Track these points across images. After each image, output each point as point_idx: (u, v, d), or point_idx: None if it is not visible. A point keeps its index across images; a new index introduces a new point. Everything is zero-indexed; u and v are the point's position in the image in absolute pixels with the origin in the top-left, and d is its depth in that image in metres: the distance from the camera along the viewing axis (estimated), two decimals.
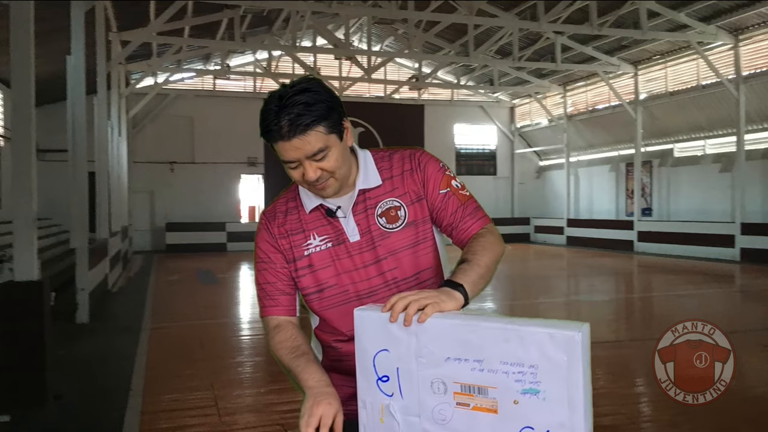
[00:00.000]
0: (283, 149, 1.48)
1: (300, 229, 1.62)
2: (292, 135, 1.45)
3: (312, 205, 1.61)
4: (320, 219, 1.60)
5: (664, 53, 17.45)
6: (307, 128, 1.45)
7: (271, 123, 1.46)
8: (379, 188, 1.60)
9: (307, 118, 1.44)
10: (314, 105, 1.46)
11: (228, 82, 21.27)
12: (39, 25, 5.90)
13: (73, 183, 8.45)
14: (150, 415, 4.35)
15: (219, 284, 12.10)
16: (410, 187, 1.60)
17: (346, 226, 1.58)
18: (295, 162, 1.49)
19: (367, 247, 1.57)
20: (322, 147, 1.48)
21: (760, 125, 15.62)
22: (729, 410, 4.12)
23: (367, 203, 1.59)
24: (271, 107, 1.46)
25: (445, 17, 15.39)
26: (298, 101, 1.44)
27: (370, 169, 1.62)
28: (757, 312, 9.08)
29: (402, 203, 1.59)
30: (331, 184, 1.53)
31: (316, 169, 1.49)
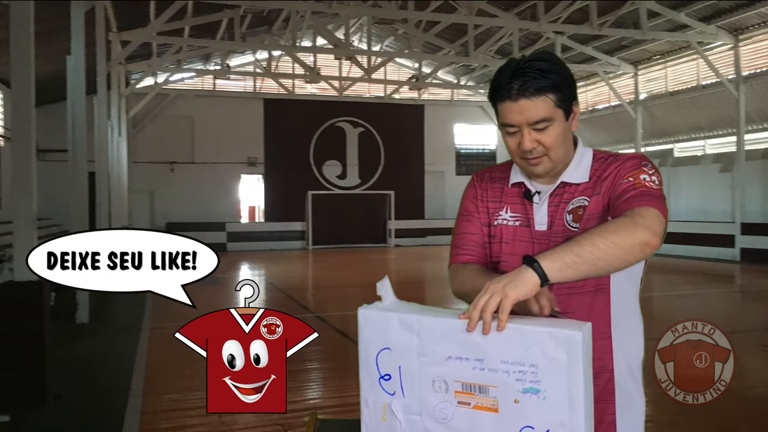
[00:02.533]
0: (507, 110, 1.46)
1: (499, 198, 1.61)
2: (521, 95, 1.43)
3: (516, 179, 1.59)
4: (517, 196, 1.58)
5: (664, 53, 17.45)
6: (538, 92, 1.43)
7: (503, 81, 1.45)
8: (580, 185, 1.53)
9: (541, 82, 1.42)
10: (550, 73, 1.43)
11: (228, 82, 21.27)
12: (39, 25, 5.89)
13: (73, 183, 8.45)
14: (150, 415, 4.35)
15: (219, 284, 12.09)
16: (602, 187, 1.50)
17: (537, 212, 1.55)
18: (515, 127, 1.47)
19: (546, 239, 1.52)
20: (547, 117, 1.44)
21: (760, 125, 15.62)
22: (729, 410, 4.12)
23: (564, 197, 1.53)
24: (507, 68, 1.46)
25: (445, 17, 15.39)
26: (534, 66, 1.43)
27: (583, 165, 1.55)
28: (757, 312, 9.08)
29: (589, 201, 1.50)
30: (544, 162, 1.49)
31: (534, 140, 1.46)
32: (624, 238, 1.28)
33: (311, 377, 5.40)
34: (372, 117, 22.14)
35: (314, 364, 5.73)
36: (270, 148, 21.14)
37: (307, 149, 21.51)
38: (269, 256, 18.21)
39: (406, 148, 22.28)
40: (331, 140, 21.66)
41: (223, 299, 9.50)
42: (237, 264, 16.00)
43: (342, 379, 5.36)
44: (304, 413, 1.66)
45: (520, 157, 1.50)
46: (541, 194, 1.55)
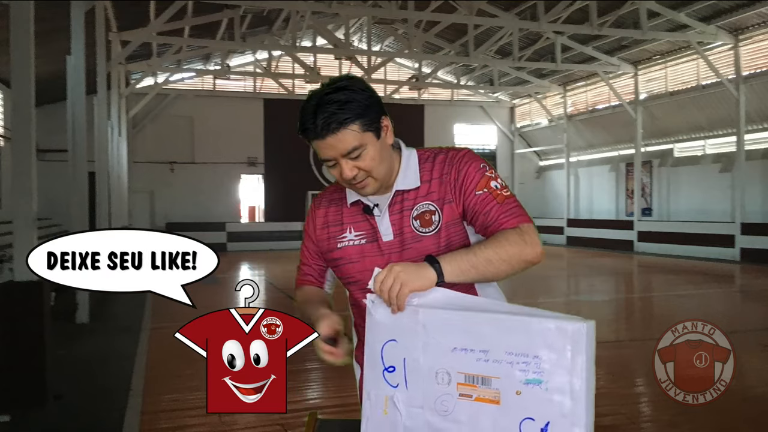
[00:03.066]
0: (318, 147, 1.51)
1: (339, 221, 1.64)
2: (326, 133, 1.46)
3: (352, 199, 1.63)
4: (358, 214, 1.62)
5: (664, 53, 17.45)
6: (340, 126, 1.45)
7: (308, 121, 1.48)
8: (417, 190, 1.57)
9: (341, 115, 1.44)
10: (349, 103, 1.45)
11: (228, 82, 21.27)
12: (39, 25, 5.89)
13: (73, 183, 8.45)
14: (150, 415, 4.35)
15: (219, 284, 12.09)
16: (446, 190, 1.56)
17: (380, 224, 1.58)
18: (332, 160, 1.51)
19: (398, 248, 1.56)
20: (357, 145, 1.47)
21: (760, 125, 15.61)
22: (729, 410, 4.12)
23: (404, 204, 1.57)
24: (309, 105, 1.48)
25: (445, 17, 15.39)
26: (333, 99, 1.45)
27: (411, 170, 1.59)
28: (757, 312, 9.08)
29: (437, 208, 1.55)
30: (370, 183, 1.53)
31: (353, 168, 1.49)
32: (514, 255, 1.43)
33: (311, 377, 5.40)
34: None
35: (314, 364, 5.72)
36: (270, 148, 21.14)
37: (307, 149, 21.29)
38: (269, 256, 18.21)
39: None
40: None
41: (223, 299, 9.51)
42: (237, 264, 15.99)
43: (342, 379, 5.35)
44: (304, 413, 1.66)
45: (346, 184, 1.56)
46: (380, 206, 1.59)
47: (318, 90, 1.49)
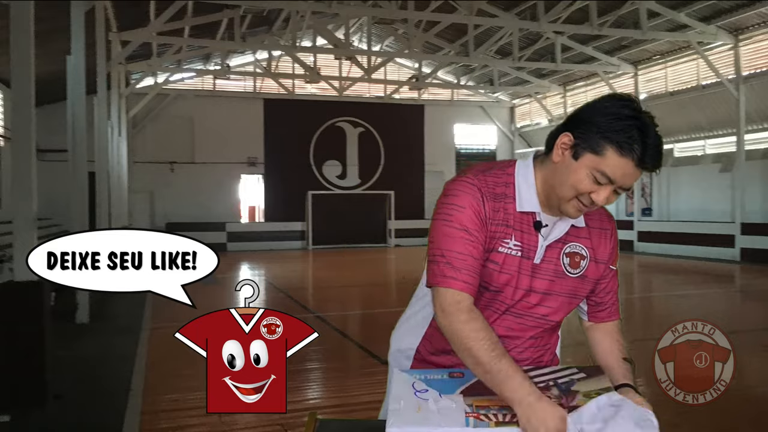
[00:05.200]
0: (620, 167, 1.36)
1: (505, 222, 1.49)
2: (646, 166, 1.37)
3: (526, 208, 1.49)
4: (525, 224, 1.50)
5: (664, 53, 17.45)
6: (655, 168, 1.39)
7: (634, 138, 1.34)
8: (577, 229, 1.55)
9: (659, 158, 1.38)
10: (662, 155, 1.40)
11: (228, 82, 21.26)
12: (39, 25, 5.89)
13: (73, 183, 8.45)
14: (150, 415, 4.35)
15: (219, 284, 12.09)
16: (602, 246, 1.57)
17: (541, 246, 1.51)
18: (608, 180, 1.38)
19: (541, 275, 1.52)
20: (631, 187, 1.44)
21: (760, 125, 15.61)
22: (729, 410, 4.11)
23: (565, 237, 1.54)
24: (631, 115, 1.36)
25: (445, 17, 15.39)
26: (659, 140, 1.38)
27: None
28: (757, 312, 9.08)
29: (588, 255, 1.54)
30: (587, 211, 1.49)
31: (606, 199, 1.41)
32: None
33: (311, 377, 5.40)
34: (372, 117, 22.14)
35: (314, 364, 5.73)
36: (270, 148, 21.13)
37: (307, 149, 21.51)
38: (269, 256, 18.21)
39: (406, 148, 22.28)
40: (331, 140, 21.66)
41: (223, 299, 9.51)
42: (237, 264, 15.99)
43: (342, 379, 5.36)
44: (304, 413, 1.66)
45: (578, 199, 1.43)
46: (548, 228, 1.52)
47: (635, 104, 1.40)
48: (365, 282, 12.94)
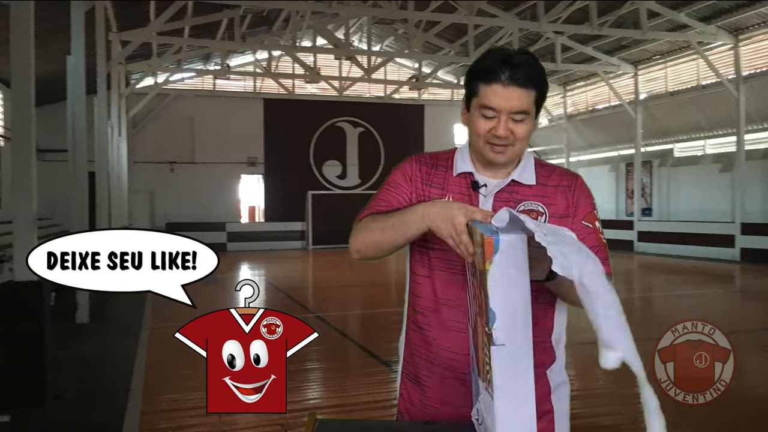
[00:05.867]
0: (492, 93, 1.46)
1: (441, 185, 1.61)
2: (513, 83, 1.44)
3: (462, 170, 1.60)
4: (462, 186, 1.59)
5: (664, 53, 17.45)
6: (528, 83, 1.45)
7: (494, 64, 1.45)
8: (530, 188, 1.58)
9: (532, 74, 1.45)
10: (539, 69, 1.48)
11: (228, 82, 21.26)
12: (39, 25, 5.90)
13: (73, 183, 8.46)
14: (150, 415, 4.35)
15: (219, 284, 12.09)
16: (560, 202, 1.58)
17: (482, 204, 1.56)
18: (494, 111, 1.47)
19: None
20: (527, 110, 1.47)
21: (760, 125, 15.62)
22: (729, 410, 4.12)
23: (513, 196, 1.57)
24: (496, 53, 1.47)
25: (445, 17, 15.39)
26: (531, 60, 1.47)
27: (528, 167, 1.60)
28: (757, 312, 9.08)
29: (546, 211, 1.56)
30: (509, 151, 1.52)
31: (508, 129, 1.47)
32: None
33: (311, 377, 5.40)
34: (372, 117, 22.14)
35: (314, 364, 5.73)
36: (270, 148, 21.13)
37: (307, 149, 21.51)
38: (269, 256, 18.22)
39: (406, 148, 22.19)
40: (331, 140, 21.66)
41: (223, 299, 9.52)
42: (237, 264, 16.00)
43: (342, 379, 5.36)
44: (304, 413, 1.66)
45: (486, 141, 1.51)
46: (488, 187, 1.57)
47: (501, 47, 1.50)
48: (365, 282, 12.94)
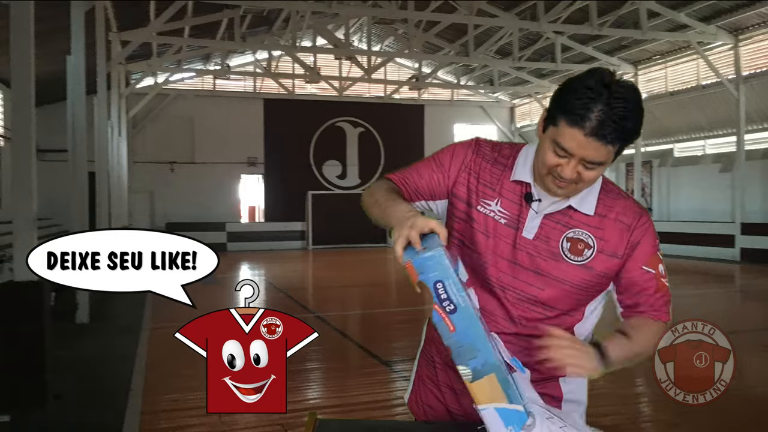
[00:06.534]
0: (571, 137, 1.32)
1: (493, 185, 1.52)
2: (598, 137, 1.29)
3: (520, 178, 1.50)
4: (515, 194, 1.50)
5: (664, 53, 17.45)
6: (612, 141, 1.30)
7: (584, 106, 1.28)
8: (586, 216, 1.48)
9: (619, 130, 1.29)
10: (630, 120, 1.29)
11: (228, 82, 21.26)
12: (39, 25, 5.89)
13: (73, 183, 8.46)
14: (150, 415, 4.35)
15: (219, 284, 12.09)
16: (614, 239, 1.47)
17: (530, 220, 1.48)
18: (566, 153, 1.34)
19: (533, 252, 1.47)
20: (603, 161, 1.35)
21: (760, 125, 15.61)
22: (729, 410, 4.11)
23: (565, 220, 1.48)
24: (593, 88, 1.28)
25: (445, 17, 15.39)
26: (622, 104, 1.28)
27: (591, 195, 1.49)
28: (757, 312, 9.08)
29: (595, 245, 1.47)
30: (571, 190, 1.42)
31: (576, 173, 1.36)
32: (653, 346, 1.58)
33: (311, 377, 5.40)
34: (372, 117, 22.14)
35: (314, 364, 5.73)
36: (270, 148, 21.13)
37: (307, 149, 21.51)
38: (269, 256, 18.21)
39: (406, 148, 22.24)
40: (331, 140, 21.66)
41: (223, 299, 9.51)
42: (237, 264, 15.99)
43: (342, 379, 5.36)
44: (304, 413, 1.66)
45: (551, 173, 1.40)
46: (542, 204, 1.48)
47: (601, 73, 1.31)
48: (365, 282, 12.94)
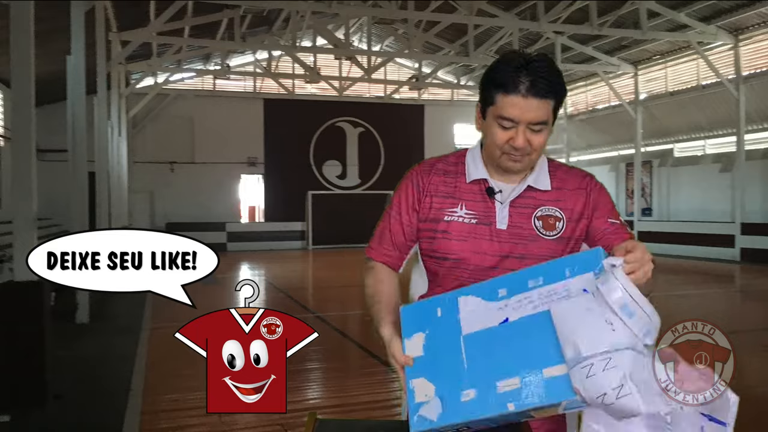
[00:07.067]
0: (510, 104, 1.43)
1: (451, 194, 1.59)
2: (530, 93, 1.41)
3: (475, 176, 1.58)
4: (476, 193, 1.58)
5: (664, 53, 17.45)
6: (546, 94, 1.43)
7: (510, 73, 1.41)
8: (545, 193, 1.57)
9: (550, 84, 1.43)
10: (557, 76, 1.45)
11: (228, 82, 21.26)
12: (39, 25, 5.89)
13: (73, 183, 8.46)
14: (150, 415, 4.35)
15: (219, 284, 12.09)
16: (577, 205, 1.58)
17: (499, 211, 1.55)
18: (512, 122, 1.45)
19: (510, 239, 1.54)
20: (545, 120, 1.46)
21: (760, 125, 15.62)
22: None
23: (529, 201, 1.56)
24: (512, 60, 1.44)
25: (445, 17, 15.39)
26: (543, 66, 1.43)
27: (543, 171, 1.59)
28: (757, 312, 9.08)
29: (563, 216, 1.56)
30: (526, 161, 1.51)
31: (525, 139, 1.46)
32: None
33: (311, 377, 5.40)
34: (372, 117, 22.14)
35: (314, 364, 5.73)
36: (270, 148, 21.13)
37: (307, 149, 21.51)
38: (269, 256, 18.21)
39: (406, 148, 22.26)
40: (331, 140, 21.66)
41: (223, 299, 9.51)
42: (237, 264, 16.00)
43: (342, 379, 5.36)
44: (304, 413, 1.66)
45: (503, 151, 1.50)
46: (503, 193, 1.56)
47: (517, 52, 1.47)
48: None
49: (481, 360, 1.30)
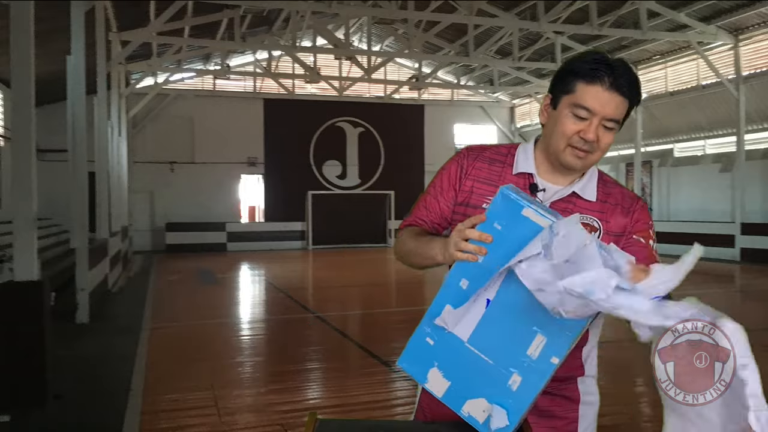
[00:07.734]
0: (591, 94, 1.42)
1: (494, 181, 1.57)
2: (615, 88, 1.42)
3: (523, 169, 1.57)
4: (519, 187, 1.52)
5: (664, 53, 17.46)
6: (629, 93, 1.43)
7: (598, 66, 1.42)
8: (589, 203, 1.55)
9: (634, 87, 1.44)
10: (639, 84, 1.46)
11: (228, 82, 21.27)
12: (39, 25, 5.89)
13: (73, 183, 8.45)
14: (150, 415, 4.35)
15: (219, 284, 12.10)
16: (617, 221, 1.55)
17: None
18: (588, 113, 1.43)
19: None
20: (618, 120, 1.45)
21: (760, 125, 15.62)
22: None
23: (569, 207, 1.53)
24: (595, 55, 1.46)
25: (445, 17, 15.39)
26: (630, 69, 1.44)
27: (591, 182, 1.58)
28: (757, 312, 9.08)
29: (601, 227, 1.54)
30: (589, 159, 1.49)
31: (596, 134, 1.45)
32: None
33: (311, 377, 5.40)
34: (372, 117, 22.14)
35: (314, 364, 5.74)
36: (270, 148, 21.14)
37: (307, 149, 21.51)
38: (269, 256, 18.22)
39: (406, 148, 22.29)
40: (331, 140, 21.66)
41: (223, 299, 9.51)
42: (237, 264, 16.01)
43: (342, 379, 5.36)
44: (304, 413, 1.66)
45: (570, 143, 1.48)
46: (546, 193, 1.54)
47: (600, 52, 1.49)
48: (365, 282, 12.95)
49: (498, 346, 1.32)
